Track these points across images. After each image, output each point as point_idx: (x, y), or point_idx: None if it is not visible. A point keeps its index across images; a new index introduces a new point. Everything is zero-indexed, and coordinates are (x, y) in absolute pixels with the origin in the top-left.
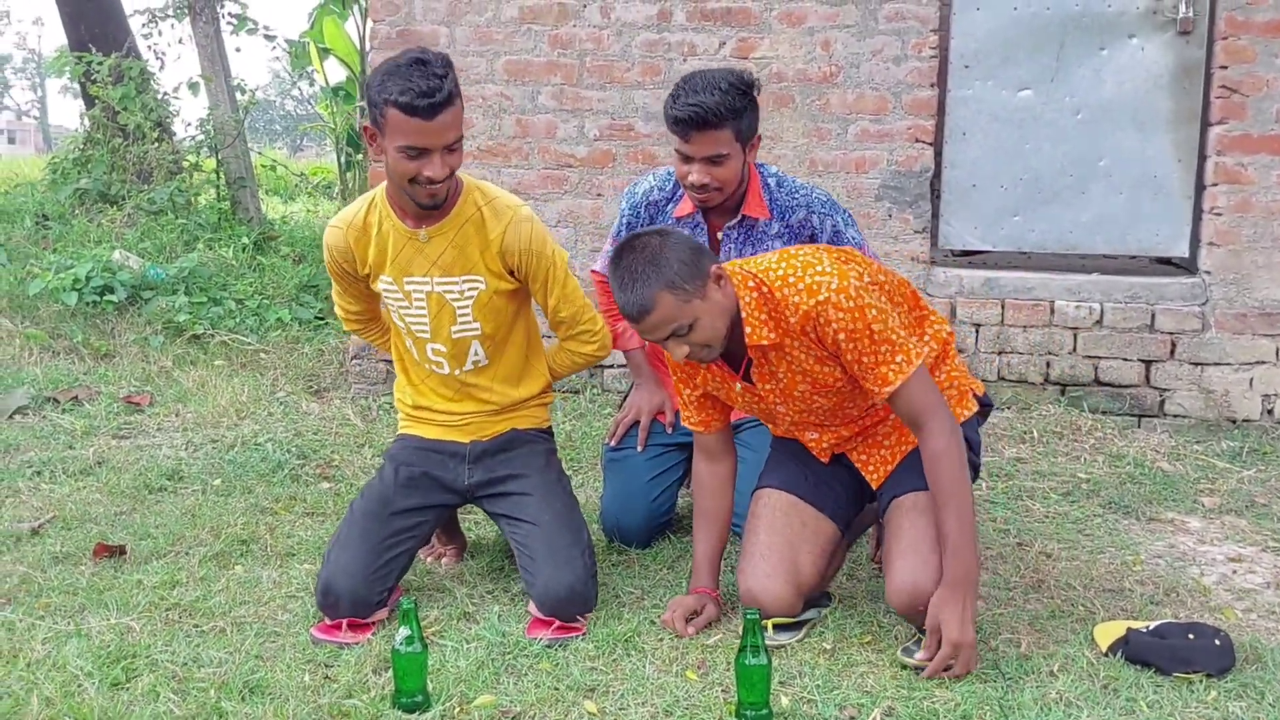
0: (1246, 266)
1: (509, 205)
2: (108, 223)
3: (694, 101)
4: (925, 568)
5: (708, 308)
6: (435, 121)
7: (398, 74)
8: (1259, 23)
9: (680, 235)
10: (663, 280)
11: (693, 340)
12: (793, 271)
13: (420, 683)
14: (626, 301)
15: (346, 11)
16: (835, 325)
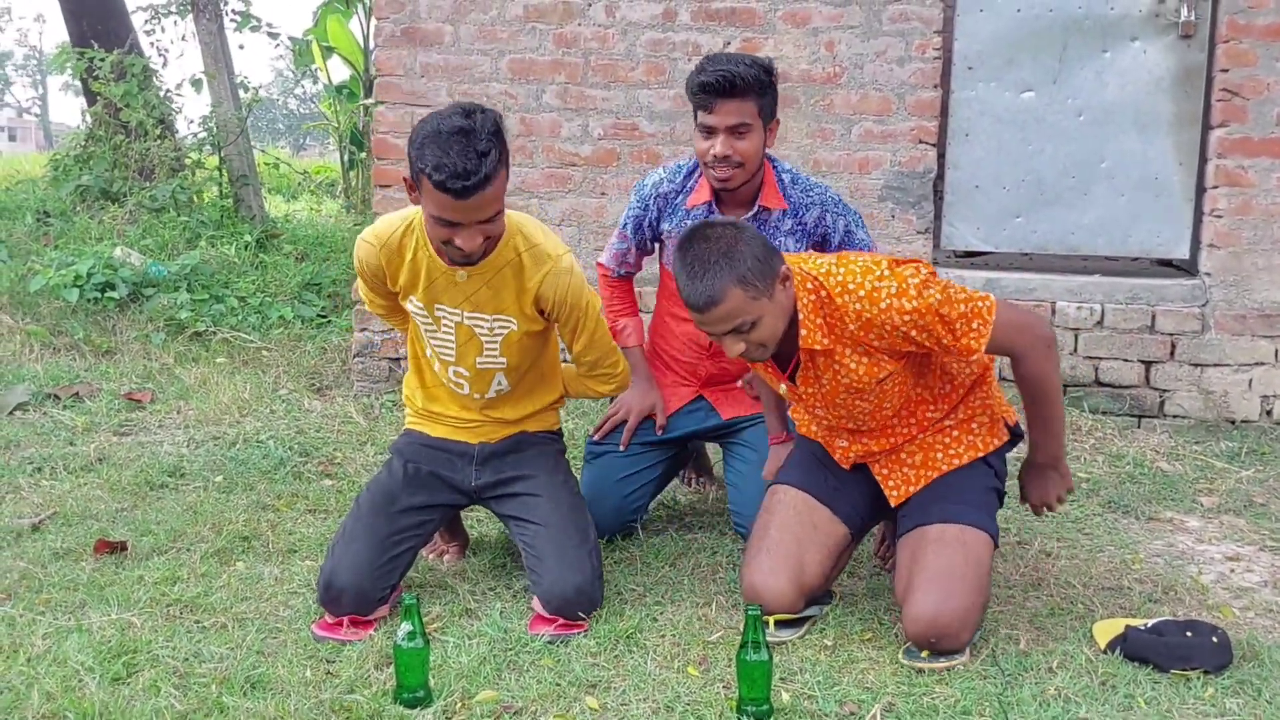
0: (1246, 268)
1: (549, 254)
2: (109, 220)
3: (722, 68)
4: (948, 601)
5: (773, 307)
6: (470, 201)
7: (438, 142)
8: (1260, 26)
9: (753, 230)
10: (735, 274)
11: (751, 338)
12: (852, 278)
13: (422, 678)
14: (694, 291)
15: (350, 10)
16: (903, 329)
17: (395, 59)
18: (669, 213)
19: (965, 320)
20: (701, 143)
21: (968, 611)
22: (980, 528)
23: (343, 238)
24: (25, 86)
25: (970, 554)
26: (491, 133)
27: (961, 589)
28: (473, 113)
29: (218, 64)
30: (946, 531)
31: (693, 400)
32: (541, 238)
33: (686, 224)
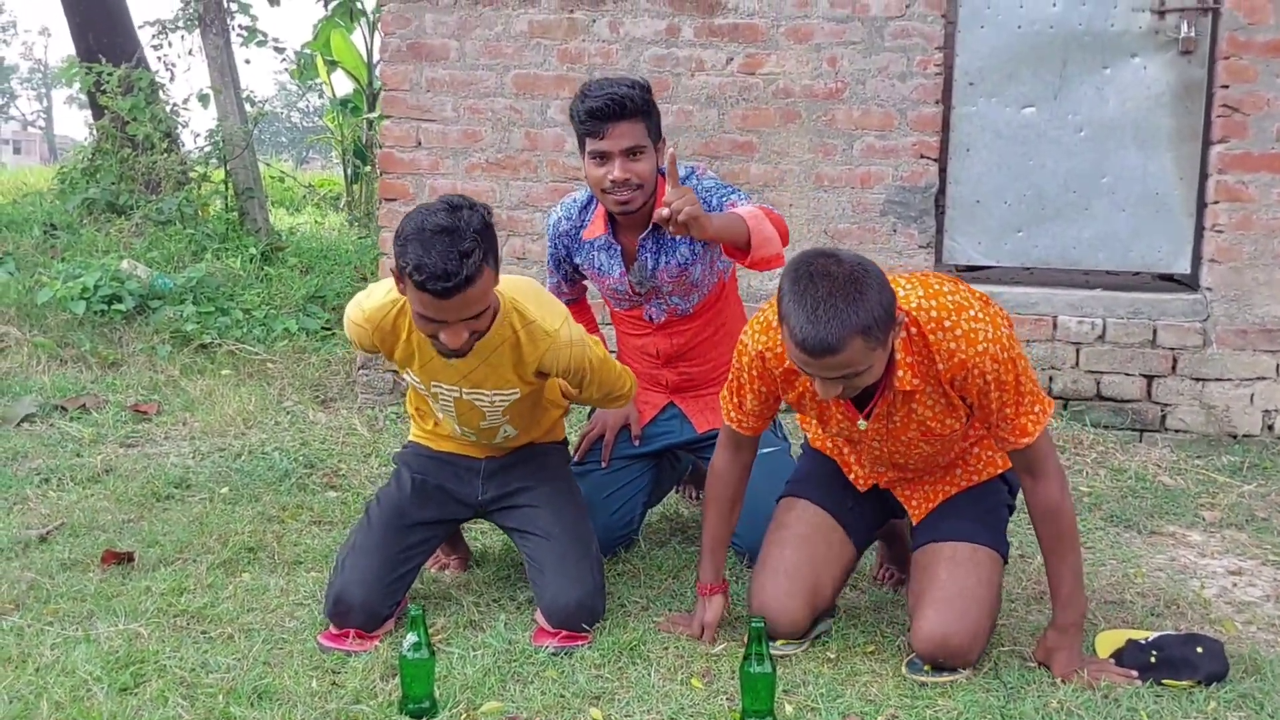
0: (1247, 283)
1: (547, 331)
2: (116, 233)
3: (606, 91)
4: (959, 621)
5: (884, 355)
6: (452, 301)
7: (420, 241)
8: (1260, 43)
9: (877, 269)
10: (860, 324)
11: (853, 384)
12: (946, 315)
13: (428, 689)
14: (813, 335)
15: (353, 24)
16: (989, 376)
17: (401, 74)
18: (576, 248)
19: (1033, 399)
20: (595, 170)
21: (977, 633)
22: (993, 547)
23: (347, 251)
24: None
25: (983, 575)
26: (477, 230)
27: (973, 611)
28: (459, 209)
29: (224, 79)
30: (959, 551)
31: (665, 408)
32: (537, 312)
33: (594, 255)
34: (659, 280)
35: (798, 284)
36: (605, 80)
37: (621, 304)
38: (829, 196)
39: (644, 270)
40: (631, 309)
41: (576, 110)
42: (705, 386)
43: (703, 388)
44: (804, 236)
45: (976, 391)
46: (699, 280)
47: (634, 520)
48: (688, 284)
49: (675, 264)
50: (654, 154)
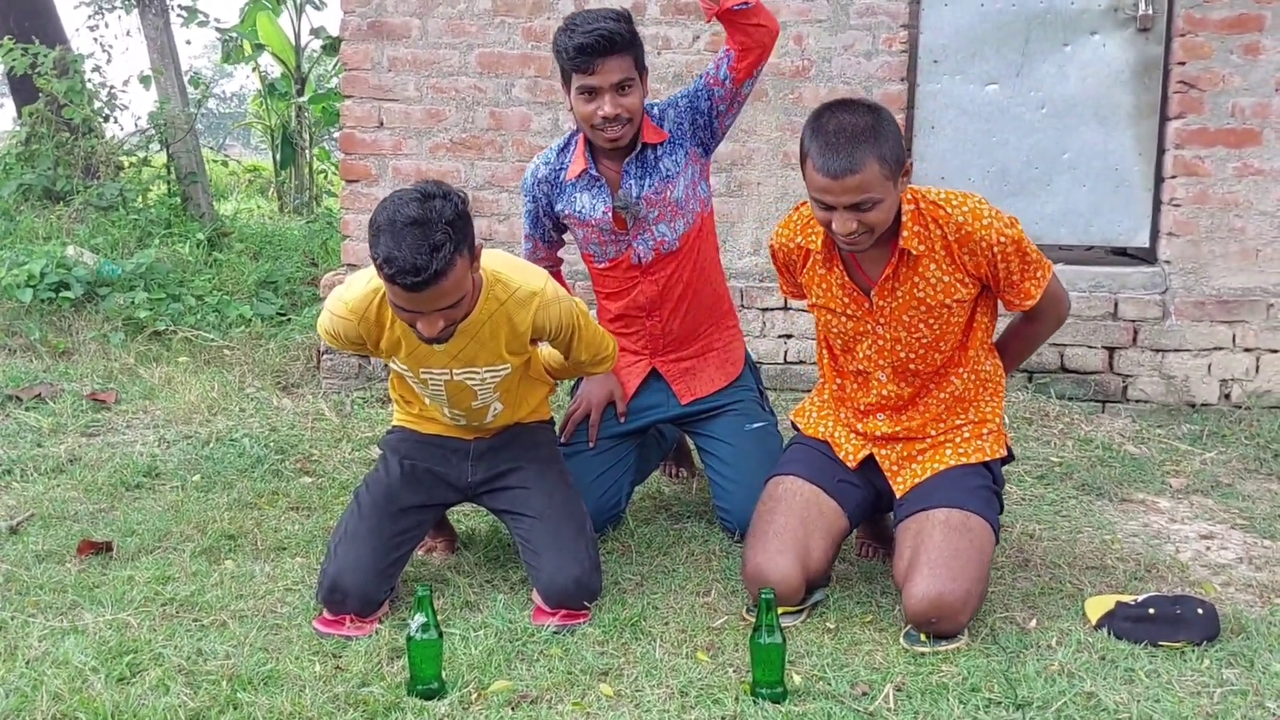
0: (1204, 256)
1: (531, 290)
2: (56, 219)
3: (594, 27)
4: (953, 581)
5: (894, 194)
6: (424, 294)
7: (392, 233)
8: (1215, 20)
9: (890, 115)
10: (877, 150)
11: (866, 218)
12: (954, 196)
13: (436, 670)
14: (835, 156)
15: (280, 6)
16: (995, 247)
17: (362, 53)
18: (557, 194)
19: (1036, 265)
20: (585, 106)
21: (969, 594)
22: (983, 516)
23: (295, 236)
24: None
25: (975, 539)
26: (449, 221)
27: (965, 571)
28: (432, 198)
29: (164, 60)
30: (952, 516)
31: (649, 377)
32: (519, 278)
33: (577, 197)
34: (643, 207)
35: (819, 118)
36: (589, 14)
37: (607, 250)
38: (797, 175)
39: (629, 195)
40: (618, 257)
41: (563, 45)
42: (687, 344)
43: (685, 345)
44: (771, 214)
45: (985, 261)
46: (681, 200)
47: (621, 500)
48: (672, 206)
49: (659, 181)
50: (640, 85)
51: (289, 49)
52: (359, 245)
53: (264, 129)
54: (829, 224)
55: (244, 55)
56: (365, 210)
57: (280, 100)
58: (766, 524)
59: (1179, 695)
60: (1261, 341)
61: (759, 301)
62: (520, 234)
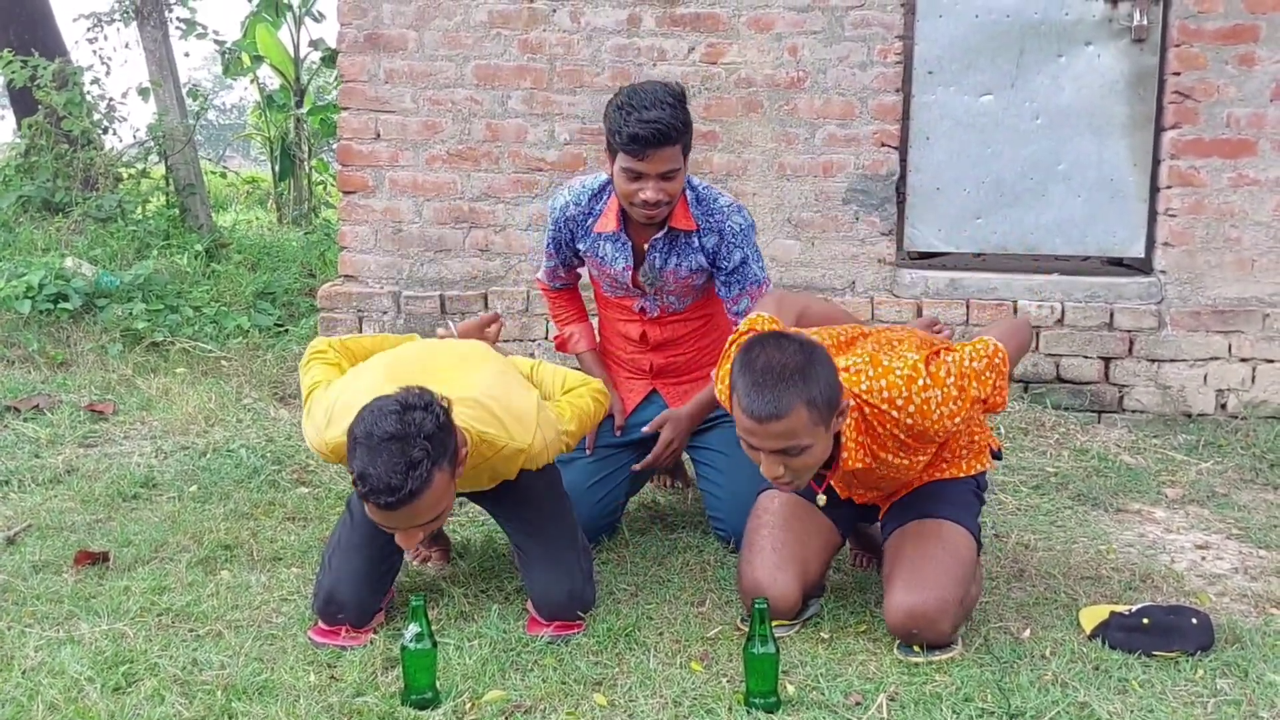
0: (1200, 266)
1: (518, 449)
2: (55, 230)
3: (651, 118)
4: (924, 590)
5: (826, 438)
6: (399, 513)
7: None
8: (1210, 30)
9: (825, 352)
10: (807, 395)
11: (794, 463)
12: (897, 391)
13: (430, 680)
14: (759, 400)
15: (280, 19)
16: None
17: (359, 65)
18: (582, 234)
19: (995, 388)
20: (626, 184)
21: (944, 601)
22: (958, 522)
23: (292, 248)
24: None
25: (947, 545)
26: (428, 435)
27: (938, 578)
28: (411, 409)
29: (163, 72)
30: (925, 526)
31: (648, 395)
32: (506, 434)
33: (601, 245)
34: (665, 280)
35: (749, 352)
36: (646, 97)
37: (616, 292)
38: (791, 185)
39: (653, 270)
40: (625, 297)
41: (617, 127)
42: (688, 373)
43: (685, 374)
44: (767, 225)
45: (946, 438)
46: (702, 285)
47: (617, 508)
48: (691, 288)
49: (686, 269)
50: (683, 168)
51: (288, 61)
52: (356, 257)
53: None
54: (759, 464)
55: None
56: (362, 222)
57: (279, 112)
58: (762, 538)
59: (1173, 705)
60: (1257, 351)
61: None
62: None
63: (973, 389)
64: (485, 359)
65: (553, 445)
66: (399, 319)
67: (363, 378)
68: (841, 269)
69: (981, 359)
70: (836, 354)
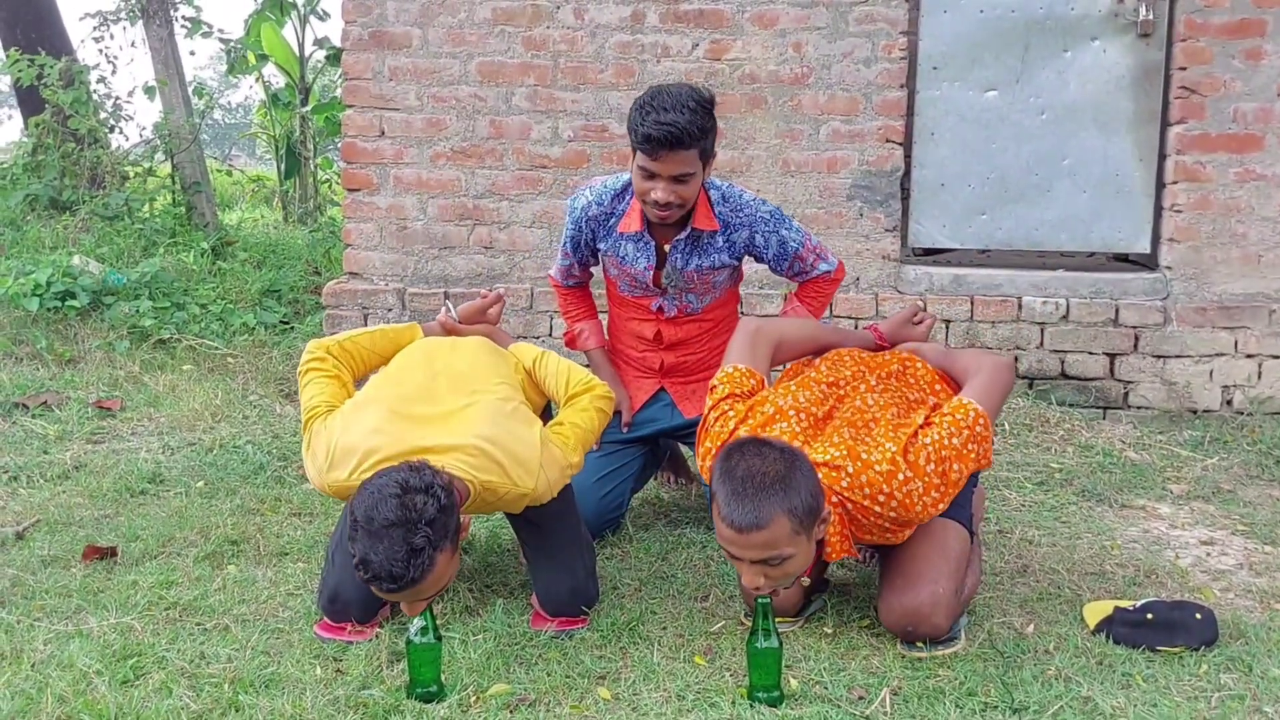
0: (1205, 262)
1: (521, 494)
2: (62, 229)
3: (668, 120)
4: (913, 589)
5: (807, 547)
6: (402, 594)
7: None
8: (1216, 25)
9: (806, 460)
10: (787, 505)
11: (775, 572)
12: (877, 488)
13: (436, 673)
14: (739, 510)
15: (284, 18)
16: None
17: (363, 62)
18: (603, 234)
19: (978, 457)
20: (642, 182)
21: (935, 595)
22: (948, 515)
23: (298, 246)
24: None
25: (936, 539)
26: (430, 520)
27: (925, 574)
28: (413, 492)
29: (169, 70)
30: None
31: (656, 394)
32: (508, 483)
33: (622, 244)
34: (686, 280)
35: (729, 459)
36: (668, 99)
37: (634, 291)
38: (796, 182)
39: (675, 271)
40: (642, 297)
41: (635, 125)
42: (697, 373)
43: (694, 373)
44: None
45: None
46: (720, 283)
47: (623, 504)
48: (710, 285)
49: (709, 266)
50: (700, 174)
51: (293, 60)
52: (361, 254)
53: (268, 139)
54: (740, 572)
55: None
56: (367, 219)
57: (284, 111)
58: None
59: (1176, 700)
60: (1263, 347)
61: (758, 309)
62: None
63: (954, 472)
64: (488, 382)
65: (556, 484)
66: (404, 316)
67: (365, 417)
68: (846, 265)
69: (961, 431)
70: (814, 436)
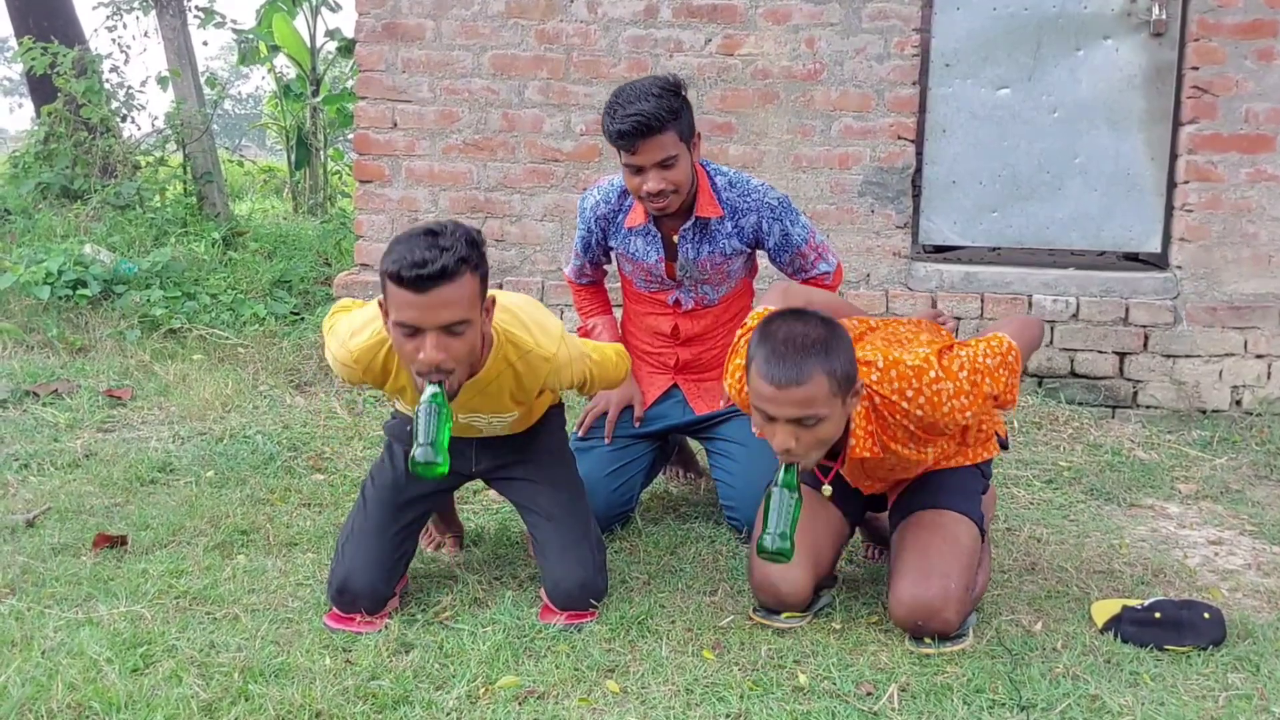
0: (1216, 261)
1: (544, 358)
2: (74, 217)
3: (633, 111)
4: (927, 580)
5: (840, 414)
6: (428, 296)
7: (403, 241)
8: (1229, 25)
9: (845, 331)
10: (827, 365)
11: (808, 437)
12: (907, 383)
13: (444, 440)
14: (781, 366)
15: (296, 8)
16: (966, 421)
17: (376, 54)
18: (613, 231)
19: (1007, 385)
20: (632, 179)
21: (946, 590)
22: (961, 512)
23: (308, 236)
24: None
25: (949, 534)
26: (461, 238)
27: (938, 569)
28: (445, 225)
29: (181, 60)
30: (926, 517)
31: (669, 390)
32: (532, 339)
33: (632, 240)
34: (700, 269)
35: (769, 325)
36: (631, 93)
37: (650, 286)
38: (807, 177)
39: (688, 262)
40: (659, 292)
41: (606, 127)
42: (711, 369)
43: (708, 370)
44: None
45: (958, 431)
46: (735, 271)
47: (633, 498)
48: (725, 274)
49: (720, 254)
50: (687, 154)
51: (304, 50)
52: (372, 245)
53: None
54: (771, 437)
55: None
56: (379, 211)
57: (295, 101)
58: None
59: (1184, 699)
60: (1273, 348)
61: None
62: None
63: (985, 385)
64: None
65: (577, 362)
66: None
67: None
68: (856, 262)
69: (995, 355)
70: None
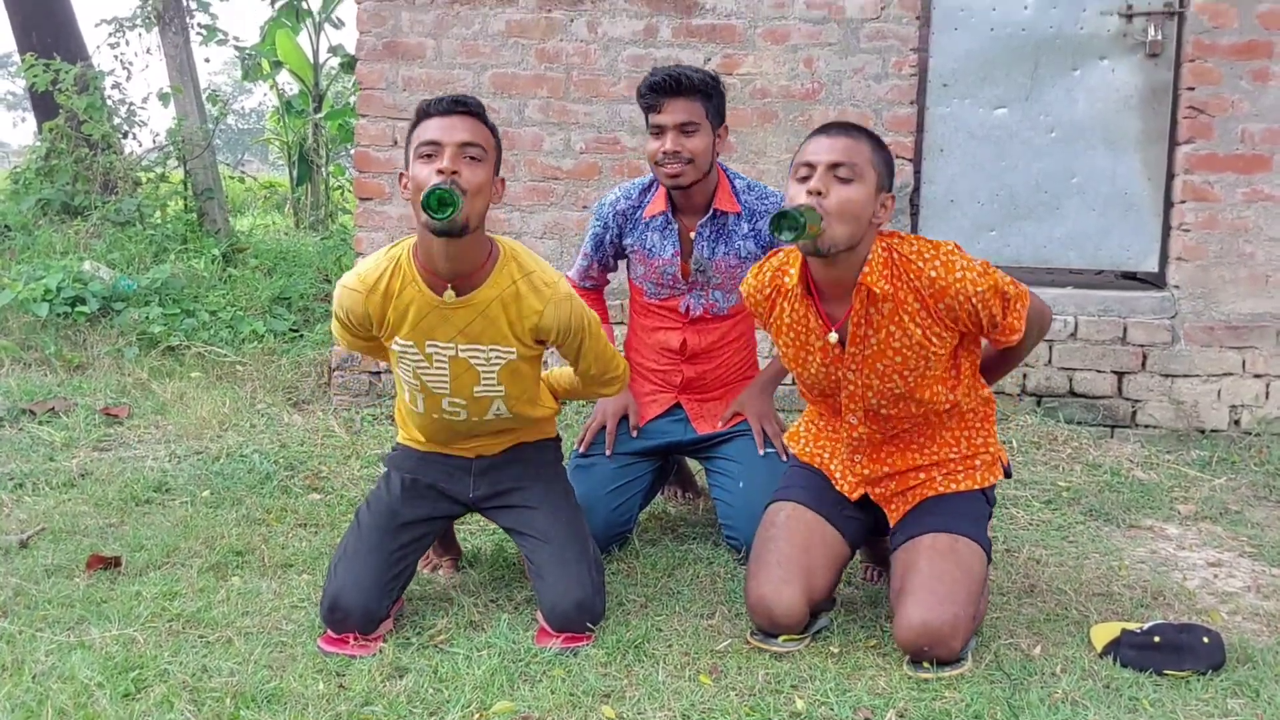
0: (1213, 281)
1: (548, 282)
2: (73, 234)
3: (668, 70)
4: (939, 606)
5: (870, 192)
6: (453, 119)
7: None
8: (1224, 46)
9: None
10: (874, 144)
11: (839, 194)
12: (926, 247)
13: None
14: (834, 128)
15: (299, 25)
16: (974, 296)
17: (377, 72)
18: (630, 228)
19: (1016, 299)
20: (652, 144)
21: (956, 618)
22: (973, 539)
23: (308, 253)
24: None
25: (962, 562)
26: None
27: (951, 596)
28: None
29: (184, 77)
30: (939, 540)
31: (671, 408)
32: (535, 265)
33: (648, 235)
34: (713, 269)
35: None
36: (669, 67)
37: (661, 291)
38: None
39: (702, 259)
40: (669, 298)
41: (641, 86)
42: (714, 389)
43: (711, 389)
44: None
45: (965, 313)
46: None
47: (632, 518)
48: (736, 279)
49: (735, 255)
50: (710, 134)
51: (307, 67)
52: None
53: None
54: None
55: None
56: (378, 228)
57: (297, 118)
58: (769, 552)
59: None
60: (1271, 368)
61: None
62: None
63: (997, 277)
64: None
65: (578, 313)
66: None
67: None
68: None
69: (1009, 284)
70: None
